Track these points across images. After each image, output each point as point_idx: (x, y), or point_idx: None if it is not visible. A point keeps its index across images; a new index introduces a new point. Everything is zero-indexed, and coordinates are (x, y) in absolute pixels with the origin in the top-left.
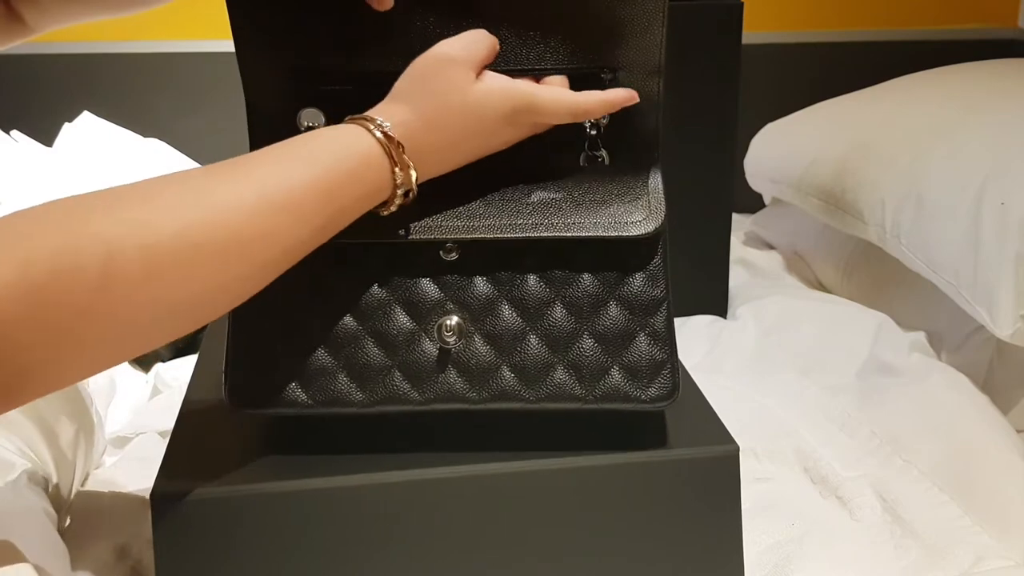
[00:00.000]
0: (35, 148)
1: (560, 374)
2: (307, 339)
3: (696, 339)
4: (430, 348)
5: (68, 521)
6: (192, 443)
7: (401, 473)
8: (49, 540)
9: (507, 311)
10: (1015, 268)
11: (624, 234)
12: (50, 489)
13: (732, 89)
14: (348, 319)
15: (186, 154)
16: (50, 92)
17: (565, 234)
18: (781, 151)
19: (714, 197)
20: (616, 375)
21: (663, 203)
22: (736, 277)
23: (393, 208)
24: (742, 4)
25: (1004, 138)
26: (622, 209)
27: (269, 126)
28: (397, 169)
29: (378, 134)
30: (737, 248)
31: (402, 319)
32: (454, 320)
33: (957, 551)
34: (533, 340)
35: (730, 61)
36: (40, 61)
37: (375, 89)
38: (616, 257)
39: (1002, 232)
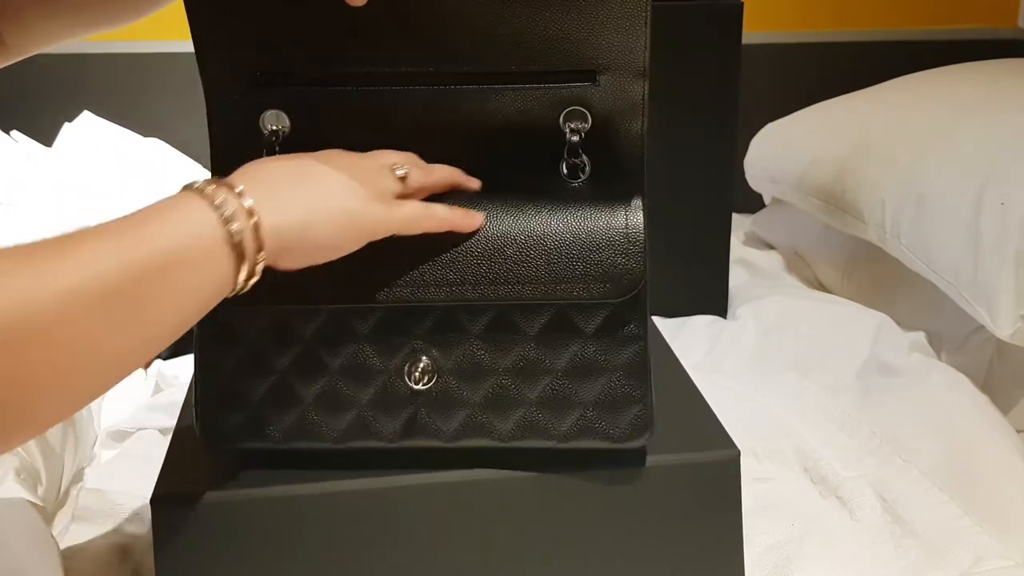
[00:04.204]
0: (35, 148)
1: (532, 412)
2: (276, 377)
3: (696, 339)
4: (400, 386)
5: (66, 519)
6: (193, 446)
7: (403, 477)
8: (36, 534)
9: (478, 349)
10: (1015, 268)
11: (603, 301)
12: (39, 485)
13: (732, 89)
14: (317, 356)
15: (186, 154)
16: (50, 92)
17: (542, 302)
18: (781, 151)
19: (714, 197)
20: (589, 413)
21: (645, 250)
22: (736, 277)
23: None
24: (742, 4)
25: (1004, 138)
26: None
27: (231, 132)
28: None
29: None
30: (737, 248)
31: (372, 358)
32: (424, 359)
33: (957, 551)
34: (505, 379)
35: (730, 61)
36: (40, 61)
37: (339, 89)
38: None
39: (1002, 232)
